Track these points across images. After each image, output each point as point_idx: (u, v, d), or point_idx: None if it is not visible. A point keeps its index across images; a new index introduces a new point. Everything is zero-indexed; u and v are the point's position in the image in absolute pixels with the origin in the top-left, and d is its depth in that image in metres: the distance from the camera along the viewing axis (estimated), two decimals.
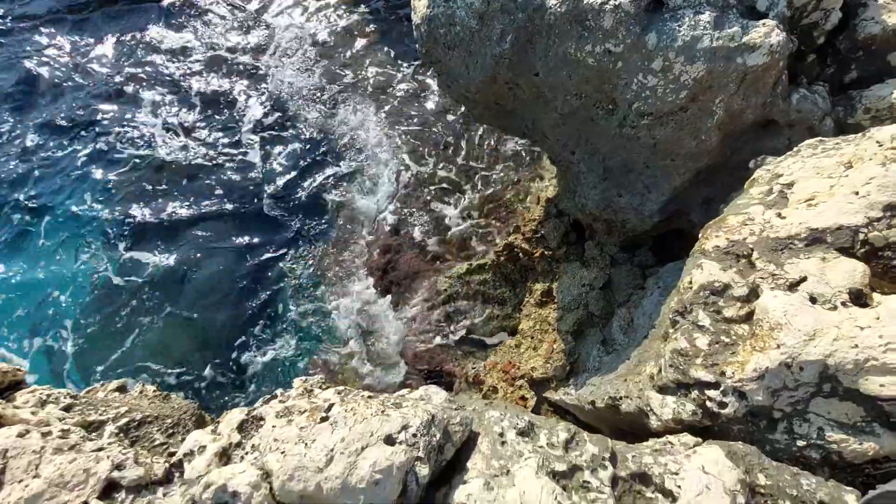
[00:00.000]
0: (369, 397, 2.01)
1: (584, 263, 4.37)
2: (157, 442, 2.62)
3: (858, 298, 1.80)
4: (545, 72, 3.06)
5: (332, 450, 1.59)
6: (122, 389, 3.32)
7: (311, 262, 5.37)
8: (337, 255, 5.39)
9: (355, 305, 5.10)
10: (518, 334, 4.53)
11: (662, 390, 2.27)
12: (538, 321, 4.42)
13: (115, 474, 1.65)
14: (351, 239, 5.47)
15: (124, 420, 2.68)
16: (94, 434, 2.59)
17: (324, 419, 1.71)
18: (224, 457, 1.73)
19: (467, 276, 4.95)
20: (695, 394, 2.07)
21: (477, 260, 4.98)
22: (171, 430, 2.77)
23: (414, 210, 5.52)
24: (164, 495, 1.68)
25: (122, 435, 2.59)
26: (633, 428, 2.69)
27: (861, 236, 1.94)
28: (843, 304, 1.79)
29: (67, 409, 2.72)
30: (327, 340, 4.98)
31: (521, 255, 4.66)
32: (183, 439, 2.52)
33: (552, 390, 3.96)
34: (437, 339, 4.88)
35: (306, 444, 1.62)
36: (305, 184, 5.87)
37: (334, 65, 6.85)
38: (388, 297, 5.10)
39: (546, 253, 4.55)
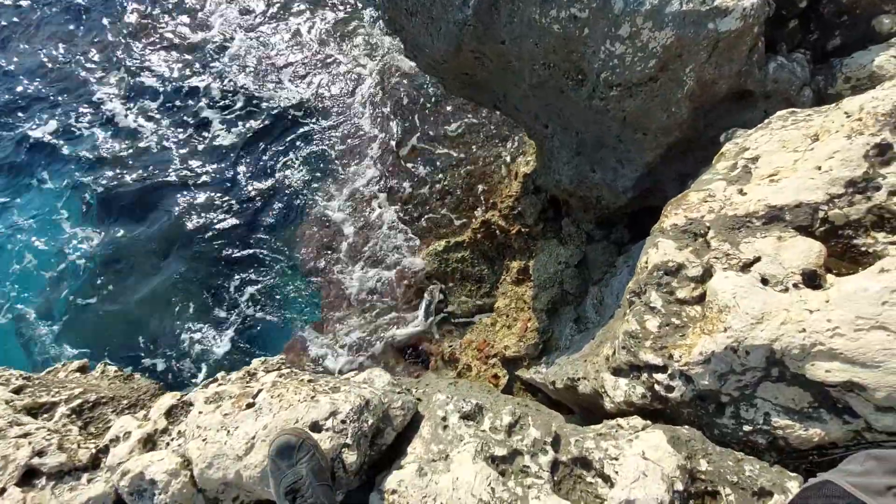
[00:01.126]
0: (308, 381, 1.96)
1: (560, 241, 4.28)
2: (111, 423, 2.59)
3: (812, 280, 1.72)
4: (511, 40, 2.90)
5: (253, 437, 1.54)
6: (83, 370, 3.28)
7: (285, 236, 5.29)
8: (312, 231, 5.29)
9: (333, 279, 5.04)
10: (494, 312, 4.48)
11: (616, 372, 2.22)
12: (514, 299, 4.37)
13: (35, 461, 1.61)
14: (326, 216, 5.37)
15: (77, 401, 2.65)
16: (45, 416, 2.56)
17: (249, 405, 1.65)
18: (149, 443, 1.68)
19: (445, 254, 4.87)
20: (644, 377, 2.01)
21: (454, 237, 4.89)
22: (127, 412, 2.73)
23: (391, 186, 5.40)
24: (89, 481, 1.64)
25: (74, 416, 2.56)
26: (593, 408, 2.65)
27: (821, 214, 1.83)
28: (795, 285, 1.70)
29: (18, 390, 2.68)
30: (304, 317, 4.94)
31: (497, 232, 4.56)
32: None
33: (524, 368, 3.93)
34: (415, 316, 4.84)
35: (228, 432, 1.57)
36: (277, 161, 5.73)
37: (311, 30, 6.61)
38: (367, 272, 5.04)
39: (523, 230, 4.46)
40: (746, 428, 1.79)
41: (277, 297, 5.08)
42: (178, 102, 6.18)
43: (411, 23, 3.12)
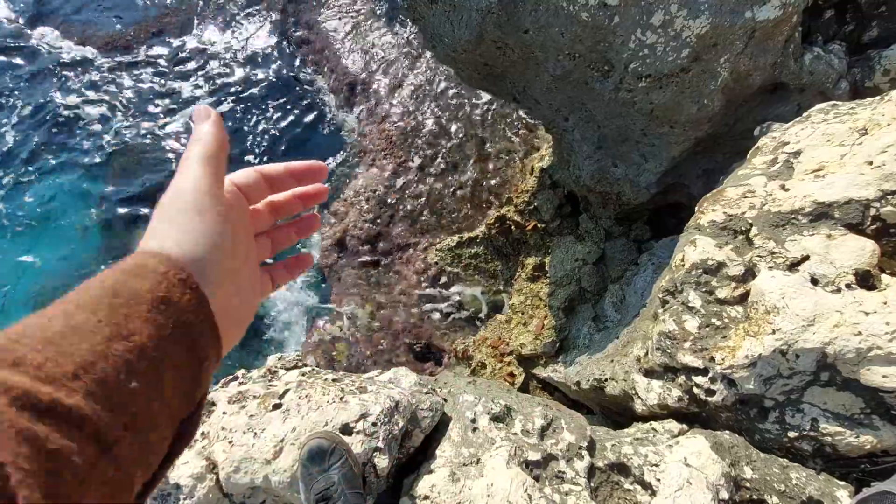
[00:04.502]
0: (334, 380, 1.89)
1: (578, 237, 4.20)
2: None
3: (865, 280, 1.64)
4: (535, 29, 2.80)
5: (282, 440, 1.47)
6: None
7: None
8: (323, 225, 5.22)
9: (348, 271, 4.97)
10: (509, 309, 4.41)
11: (649, 374, 2.14)
12: (529, 296, 4.29)
13: None
14: (334, 207, 5.29)
15: None
16: None
17: (276, 406, 1.58)
18: None
19: (458, 250, 4.79)
20: (682, 379, 1.93)
21: (468, 232, 4.80)
22: None
23: (404, 178, 5.31)
24: None
25: None
26: (619, 410, 2.58)
27: (872, 211, 1.75)
28: (848, 286, 1.62)
29: None
30: (314, 309, 4.88)
31: (513, 227, 4.48)
32: None
33: (541, 367, 3.86)
34: (427, 313, 4.77)
35: (255, 434, 1.50)
36: (286, 157, 5.65)
37: (326, 15, 6.51)
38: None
39: (539, 226, 4.38)
40: (792, 434, 1.72)
41: (285, 288, 5.00)
42: (175, 84, 6.10)
43: (432, 11, 3.03)
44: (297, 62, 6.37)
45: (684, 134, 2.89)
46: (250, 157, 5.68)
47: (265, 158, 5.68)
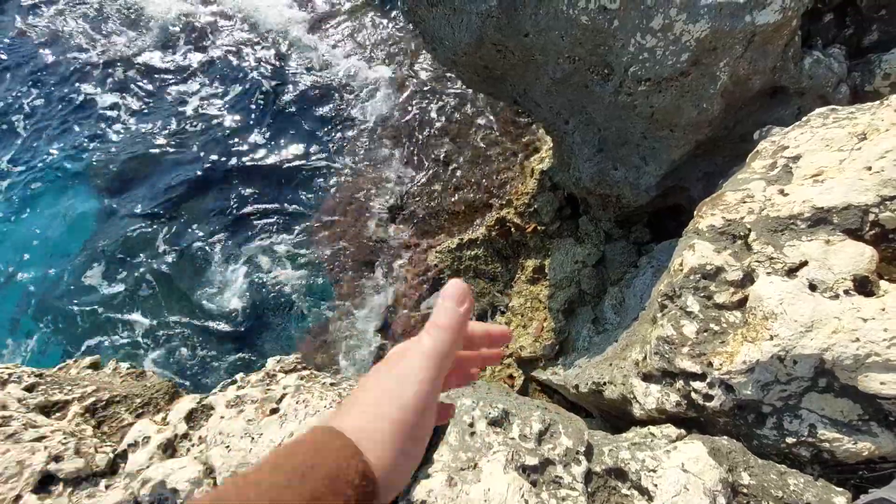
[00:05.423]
0: (332, 384, 1.89)
1: (578, 240, 4.20)
2: (125, 422, 2.54)
3: (863, 286, 1.63)
4: (535, 32, 2.81)
5: (278, 445, 1.47)
6: (95, 366, 3.24)
7: (297, 229, 5.22)
8: (324, 225, 5.22)
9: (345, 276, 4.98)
10: (508, 311, 4.41)
11: (647, 378, 2.14)
12: (529, 298, 4.29)
13: (52, 466, 1.55)
14: (338, 209, 5.30)
15: (91, 400, 2.60)
16: (57, 414, 2.51)
17: (274, 411, 1.58)
18: (169, 448, 1.62)
19: (458, 252, 4.79)
20: (680, 384, 1.93)
21: (468, 234, 4.80)
22: (140, 410, 2.68)
23: (404, 180, 5.32)
24: (108, 487, 1.58)
25: (87, 415, 2.51)
26: (617, 414, 2.58)
27: (871, 217, 1.75)
28: (846, 292, 1.62)
29: (30, 388, 2.63)
30: (317, 311, 4.88)
31: (513, 229, 4.48)
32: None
33: (541, 369, 3.86)
34: (427, 315, 4.77)
35: (252, 439, 1.50)
36: (291, 156, 5.66)
37: (328, 20, 6.52)
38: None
39: (539, 228, 4.38)
40: (790, 440, 1.72)
41: (288, 290, 5.01)
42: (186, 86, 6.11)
43: (432, 14, 3.03)
44: (297, 60, 6.37)
45: (684, 137, 2.89)
46: (252, 156, 5.69)
47: (263, 157, 5.68)
